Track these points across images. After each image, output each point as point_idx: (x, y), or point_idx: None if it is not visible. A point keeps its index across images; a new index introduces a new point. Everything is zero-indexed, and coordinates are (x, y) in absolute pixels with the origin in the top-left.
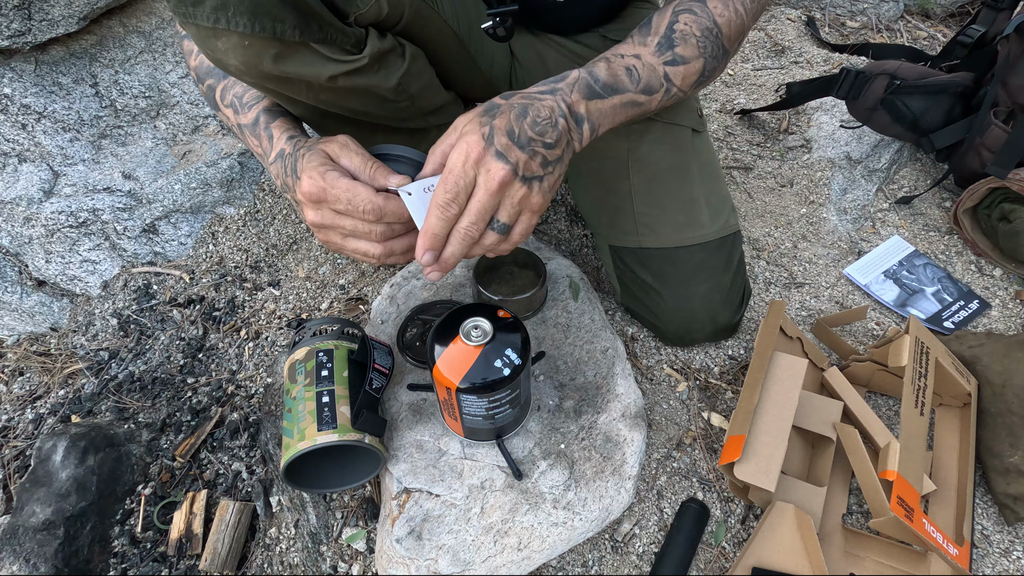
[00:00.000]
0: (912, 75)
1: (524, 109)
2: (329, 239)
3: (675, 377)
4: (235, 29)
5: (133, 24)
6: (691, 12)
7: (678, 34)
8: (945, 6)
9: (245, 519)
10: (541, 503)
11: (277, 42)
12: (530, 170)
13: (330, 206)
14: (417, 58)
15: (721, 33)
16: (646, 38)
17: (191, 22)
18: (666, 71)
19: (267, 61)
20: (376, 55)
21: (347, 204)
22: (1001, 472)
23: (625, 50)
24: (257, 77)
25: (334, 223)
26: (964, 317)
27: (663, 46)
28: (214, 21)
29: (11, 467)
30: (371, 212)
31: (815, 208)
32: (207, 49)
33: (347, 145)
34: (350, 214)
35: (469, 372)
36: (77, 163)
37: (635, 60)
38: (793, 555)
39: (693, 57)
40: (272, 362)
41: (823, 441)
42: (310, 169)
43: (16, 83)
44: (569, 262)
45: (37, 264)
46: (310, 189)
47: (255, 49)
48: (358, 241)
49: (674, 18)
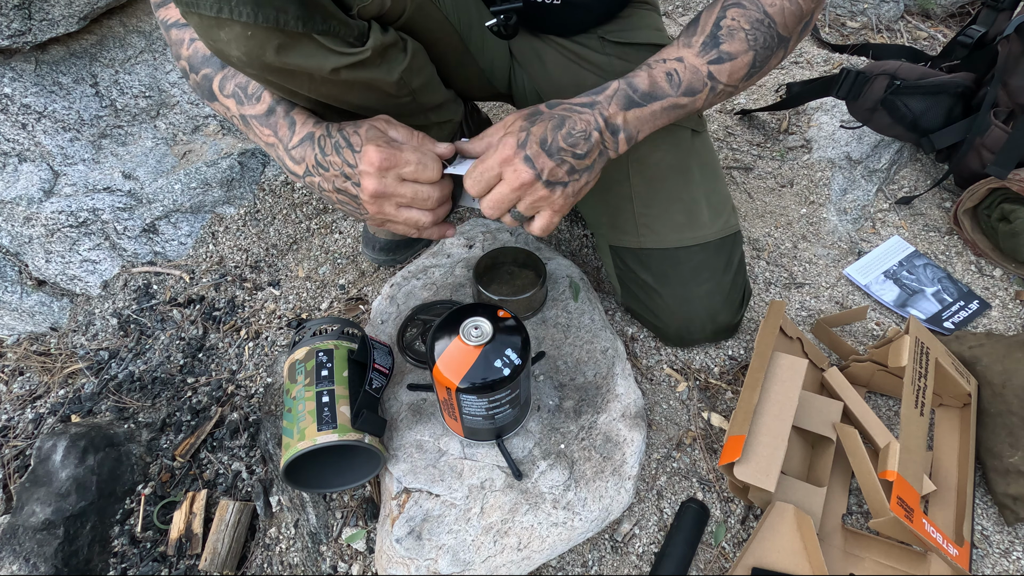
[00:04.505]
0: (912, 75)
1: (561, 121)
2: (383, 210)
3: (675, 377)
4: (238, 19)
5: (133, 24)
6: (740, 6)
7: (724, 31)
8: (945, 6)
9: (245, 519)
10: (541, 503)
11: (280, 33)
12: (555, 176)
13: (397, 172)
14: (418, 53)
15: (774, 23)
16: (691, 38)
17: (194, 11)
18: (710, 70)
19: (270, 52)
20: (379, 48)
21: (415, 168)
22: (1001, 472)
23: (668, 54)
24: (259, 69)
25: (396, 191)
26: (964, 317)
27: (707, 45)
28: (217, 11)
29: (11, 467)
30: (435, 176)
31: (815, 208)
32: (209, 40)
33: (390, 121)
34: (416, 179)
35: (469, 372)
36: (77, 163)
37: (677, 64)
38: (793, 555)
39: (741, 52)
40: (272, 362)
41: (823, 441)
42: (374, 139)
43: (16, 83)
44: (569, 262)
45: (37, 264)
46: (379, 156)
47: (258, 40)
48: (411, 211)
49: (721, 14)
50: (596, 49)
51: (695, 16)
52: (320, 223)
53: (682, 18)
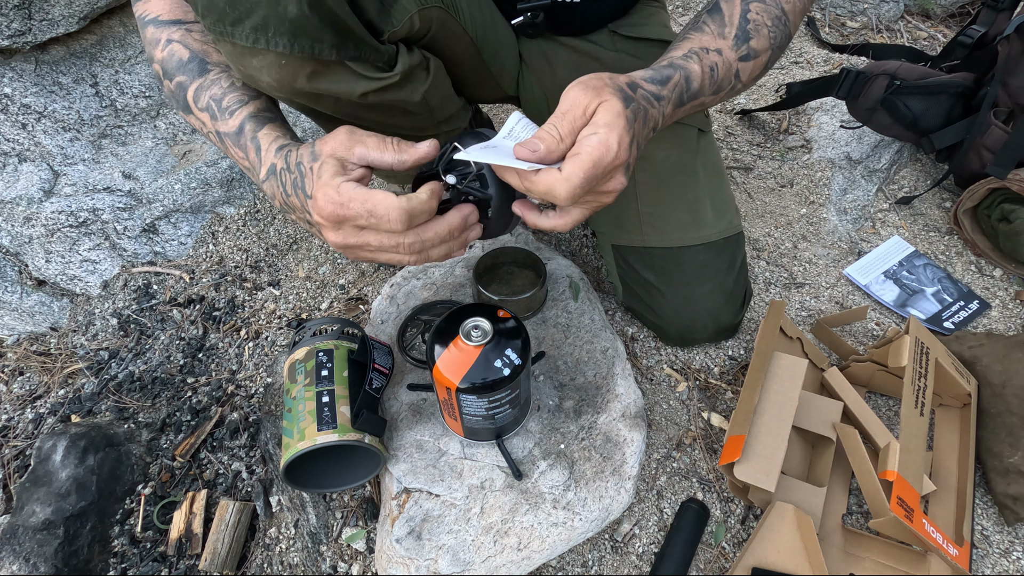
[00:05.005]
0: (912, 75)
1: (645, 117)
2: (358, 256)
3: (675, 377)
4: (274, 49)
5: (133, 24)
6: (761, 1)
7: (752, 25)
8: (945, 6)
9: (245, 519)
10: (541, 503)
11: (313, 61)
12: None
13: (352, 223)
14: (439, 70)
15: (788, 20)
16: (723, 29)
17: (228, 40)
18: (738, 67)
19: (302, 79)
20: (406, 72)
21: (368, 217)
22: (1001, 472)
23: (708, 43)
24: (289, 93)
25: (358, 242)
26: (964, 317)
27: (739, 39)
28: (253, 41)
29: (11, 467)
30: (398, 220)
31: (815, 208)
32: (240, 66)
33: (353, 133)
34: (375, 228)
35: (469, 372)
36: (77, 163)
37: (717, 57)
38: (793, 555)
39: (763, 49)
40: (272, 362)
41: (823, 441)
42: (323, 185)
43: (16, 83)
44: (569, 262)
45: (37, 264)
46: (327, 209)
47: (291, 68)
48: (389, 255)
49: (745, 6)
50: (606, 46)
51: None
52: None
53: (682, 18)
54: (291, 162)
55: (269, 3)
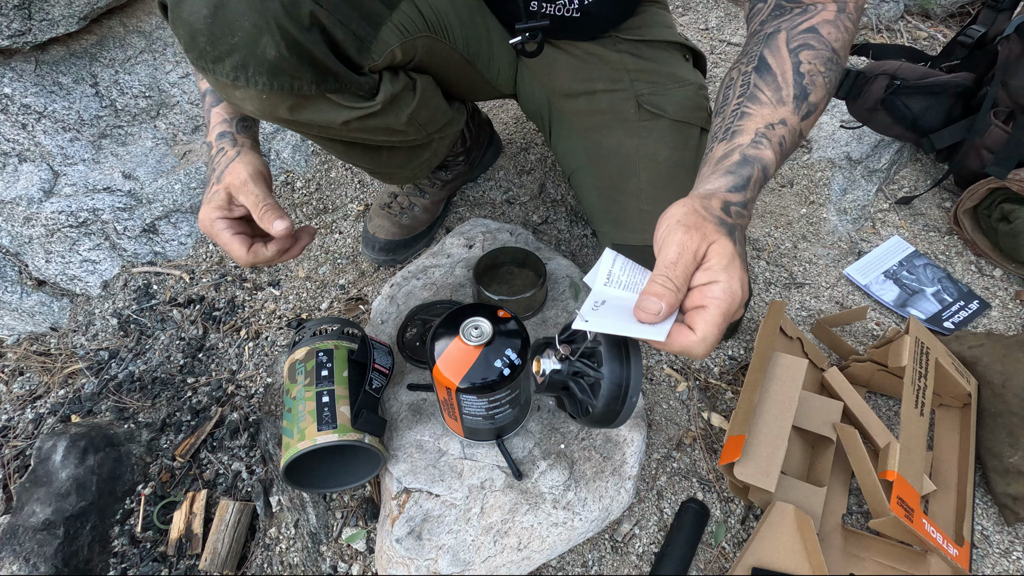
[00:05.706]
0: (912, 75)
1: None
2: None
3: (675, 377)
4: (254, 87)
5: (133, 24)
6: (810, 47)
7: (807, 79)
8: (945, 6)
9: (245, 519)
10: (541, 503)
11: (293, 95)
12: None
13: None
14: (427, 89)
15: (839, 59)
16: (779, 92)
17: (210, 75)
18: (802, 128)
19: (283, 110)
20: (389, 99)
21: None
22: (1001, 472)
23: (770, 116)
24: (273, 120)
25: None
26: (964, 317)
27: (799, 99)
28: (233, 79)
29: (11, 467)
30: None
31: (815, 208)
32: (223, 94)
33: (246, 184)
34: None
35: (469, 372)
36: (77, 163)
37: (783, 129)
38: (793, 555)
39: (821, 99)
40: (272, 362)
41: (823, 441)
42: (208, 206)
43: (16, 83)
44: (569, 262)
45: (37, 264)
46: (202, 224)
47: (272, 101)
48: None
49: (795, 59)
50: (609, 47)
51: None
52: (320, 223)
53: (682, 18)
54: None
55: (248, 45)
